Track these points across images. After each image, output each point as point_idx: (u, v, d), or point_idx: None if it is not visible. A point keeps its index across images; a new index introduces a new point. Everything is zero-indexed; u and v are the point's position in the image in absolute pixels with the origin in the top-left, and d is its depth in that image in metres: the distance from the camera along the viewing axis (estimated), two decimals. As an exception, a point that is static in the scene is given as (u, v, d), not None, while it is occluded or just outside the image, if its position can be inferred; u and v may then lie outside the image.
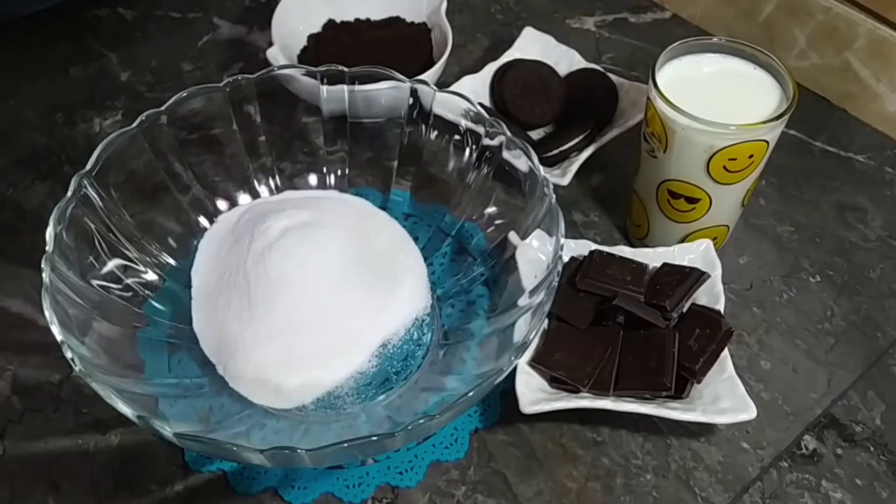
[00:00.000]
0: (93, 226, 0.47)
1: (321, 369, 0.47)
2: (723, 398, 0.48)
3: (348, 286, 0.48)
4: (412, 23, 0.71)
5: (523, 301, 0.47)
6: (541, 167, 0.49)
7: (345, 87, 0.54)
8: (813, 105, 0.69)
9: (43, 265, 0.42)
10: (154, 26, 0.76)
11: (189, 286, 0.51)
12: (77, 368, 0.39)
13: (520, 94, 0.65)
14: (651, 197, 0.55)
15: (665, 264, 0.53)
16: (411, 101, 0.54)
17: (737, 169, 0.51)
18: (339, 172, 0.58)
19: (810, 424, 0.51)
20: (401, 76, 0.52)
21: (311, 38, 0.70)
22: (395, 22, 0.71)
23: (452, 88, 0.59)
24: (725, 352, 0.49)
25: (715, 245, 0.55)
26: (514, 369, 0.48)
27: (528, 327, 0.44)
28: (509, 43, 0.69)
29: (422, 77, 0.54)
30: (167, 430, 0.38)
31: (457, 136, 0.54)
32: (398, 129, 0.55)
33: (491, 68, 0.67)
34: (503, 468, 0.49)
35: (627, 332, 0.51)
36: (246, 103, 0.53)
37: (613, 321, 0.52)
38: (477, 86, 0.66)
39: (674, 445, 0.50)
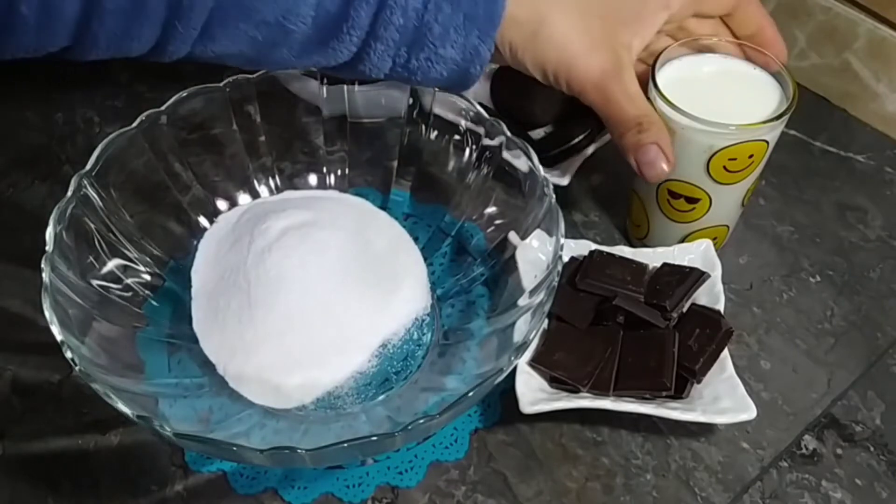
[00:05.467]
0: (93, 226, 0.47)
1: (321, 369, 0.47)
2: (723, 398, 0.48)
3: (348, 286, 0.48)
4: (412, 23, 0.71)
5: (523, 301, 0.47)
6: (541, 167, 0.49)
7: (345, 87, 0.54)
8: (813, 105, 0.69)
9: (43, 265, 0.42)
10: (154, 26, 0.76)
11: (189, 286, 0.51)
12: (77, 368, 0.39)
13: (520, 94, 0.65)
14: (651, 197, 0.55)
15: (665, 264, 0.53)
16: (411, 101, 0.54)
17: (737, 169, 0.51)
18: (339, 172, 0.58)
19: (810, 424, 0.51)
20: (401, 76, 0.52)
21: (311, 38, 0.69)
22: (395, 22, 0.71)
23: (452, 88, 0.59)
24: (725, 352, 0.49)
25: (715, 245, 0.55)
26: (514, 369, 0.48)
27: (528, 327, 0.44)
28: (509, 43, 0.69)
29: (422, 77, 0.54)
30: (167, 430, 0.38)
31: (457, 136, 0.54)
32: (398, 129, 0.55)
33: (491, 68, 0.67)
34: (503, 468, 0.49)
35: (627, 332, 0.51)
36: (246, 103, 0.53)
37: (613, 321, 0.52)
38: (477, 86, 0.66)
39: (674, 445, 0.50)
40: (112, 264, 0.48)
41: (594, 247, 0.55)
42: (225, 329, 0.48)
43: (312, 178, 0.57)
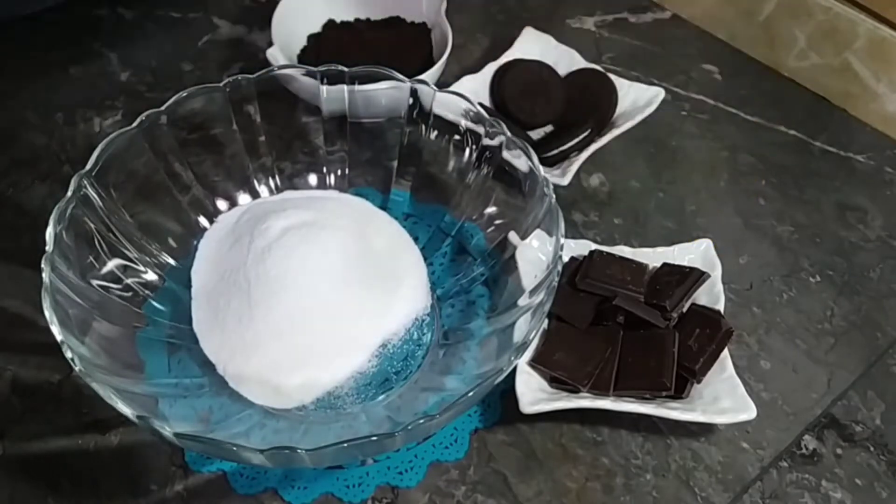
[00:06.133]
0: (93, 226, 0.47)
1: (321, 369, 0.47)
2: (723, 398, 0.48)
3: (348, 286, 0.48)
4: (412, 23, 0.71)
5: (523, 301, 0.47)
6: (541, 167, 0.49)
7: (345, 87, 0.54)
8: (813, 105, 0.69)
9: (43, 265, 0.42)
10: (154, 26, 0.76)
11: (189, 286, 0.51)
12: (77, 368, 0.39)
13: (520, 94, 0.65)
14: None
15: (665, 264, 0.53)
16: (411, 101, 0.54)
17: None
18: (339, 172, 0.58)
19: (810, 424, 0.51)
20: (401, 76, 0.52)
21: (311, 38, 0.70)
22: (394, 22, 0.71)
23: (452, 88, 0.59)
24: (725, 352, 0.49)
25: None
26: (514, 369, 0.48)
27: (528, 327, 0.44)
28: (509, 43, 0.69)
29: (422, 77, 0.54)
30: (167, 430, 0.38)
31: (457, 136, 0.54)
32: (398, 129, 0.55)
33: (491, 68, 0.67)
34: (503, 468, 0.49)
35: (627, 332, 0.51)
36: (246, 103, 0.53)
37: (613, 321, 0.52)
38: (477, 86, 0.66)
39: (674, 445, 0.50)
40: (112, 264, 0.48)
41: (594, 247, 0.55)
42: (225, 329, 0.48)
43: (312, 178, 0.57)
